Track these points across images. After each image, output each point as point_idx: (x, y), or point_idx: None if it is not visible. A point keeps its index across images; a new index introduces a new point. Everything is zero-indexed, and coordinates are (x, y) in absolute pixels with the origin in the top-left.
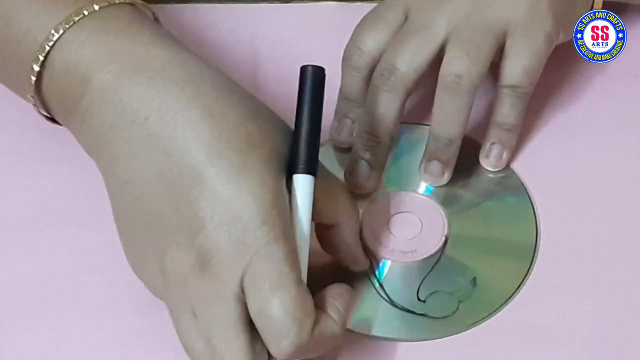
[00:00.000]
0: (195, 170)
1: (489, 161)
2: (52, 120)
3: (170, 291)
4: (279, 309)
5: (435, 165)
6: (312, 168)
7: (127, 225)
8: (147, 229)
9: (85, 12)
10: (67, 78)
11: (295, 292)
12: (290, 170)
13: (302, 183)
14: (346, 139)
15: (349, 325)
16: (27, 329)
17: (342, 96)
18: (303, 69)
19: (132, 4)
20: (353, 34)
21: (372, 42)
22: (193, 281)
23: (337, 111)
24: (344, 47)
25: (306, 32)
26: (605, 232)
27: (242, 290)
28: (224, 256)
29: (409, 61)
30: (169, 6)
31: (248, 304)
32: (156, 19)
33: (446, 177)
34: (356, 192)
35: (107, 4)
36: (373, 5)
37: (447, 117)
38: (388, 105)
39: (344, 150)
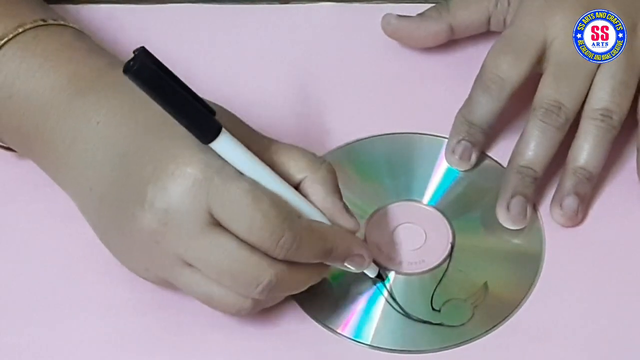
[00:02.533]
0: (138, 148)
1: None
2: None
3: (154, 259)
4: (263, 218)
5: (572, 201)
6: (215, 129)
7: (106, 229)
8: (116, 218)
9: (20, 30)
10: (16, 107)
11: (269, 199)
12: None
13: (223, 143)
14: (460, 163)
15: (368, 341)
16: (27, 329)
17: (465, 119)
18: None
19: (58, 25)
20: (489, 58)
21: (513, 72)
22: (166, 237)
23: (457, 132)
24: (344, 47)
25: (305, 33)
26: (609, 238)
27: (217, 222)
28: (179, 202)
29: (574, 98)
30: (166, 7)
31: (234, 231)
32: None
33: (580, 216)
34: (511, 228)
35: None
36: (372, 5)
37: (593, 151)
38: (554, 142)
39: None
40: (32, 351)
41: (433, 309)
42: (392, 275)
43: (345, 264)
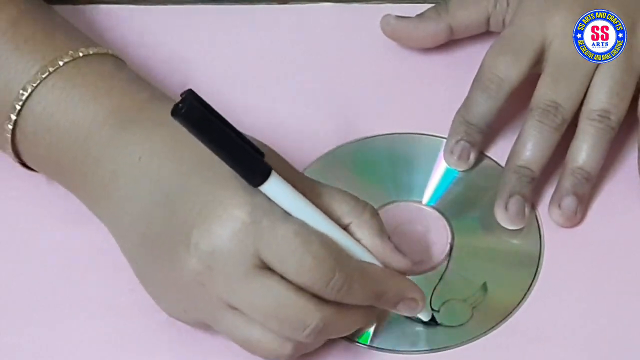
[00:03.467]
0: (183, 189)
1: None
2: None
3: (197, 302)
4: (314, 259)
5: (571, 201)
6: (265, 171)
7: (145, 267)
8: (158, 258)
9: (61, 63)
10: (55, 139)
11: (319, 240)
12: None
13: (273, 185)
14: (459, 164)
15: (367, 342)
16: (27, 329)
17: (464, 119)
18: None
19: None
20: (488, 58)
21: (511, 71)
22: (212, 279)
23: (455, 132)
24: (343, 47)
25: (305, 33)
26: (607, 238)
27: (265, 265)
28: (226, 245)
29: (572, 99)
30: (166, 7)
31: (283, 273)
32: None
33: (579, 217)
34: (508, 228)
35: (73, 57)
36: (372, 5)
37: (591, 151)
38: (551, 142)
39: None
40: (32, 351)
41: (432, 309)
42: None
43: (398, 307)
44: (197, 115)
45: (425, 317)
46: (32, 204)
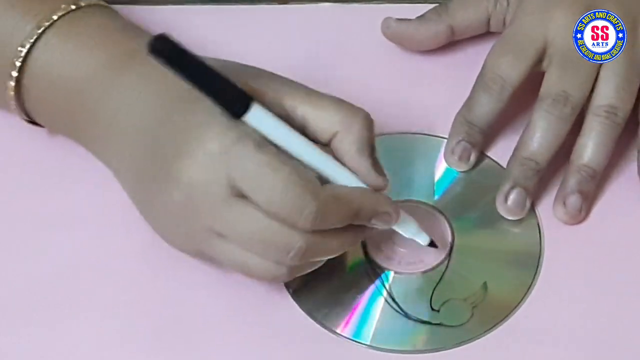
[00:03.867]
0: (168, 124)
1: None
2: (34, 122)
3: (188, 232)
4: (283, 191)
5: (575, 199)
6: (244, 102)
7: (143, 203)
8: (150, 192)
9: (55, 17)
10: (58, 92)
11: (290, 170)
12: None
13: (254, 115)
14: (459, 164)
15: (367, 342)
16: (27, 329)
17: (465, 119)
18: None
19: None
20: (490, 59)
21: (513, 71)
22: (195, 210)
23: (456, 132)
24: (343, 47)
25: (304, 33)
26: (608, 237)
27: (239, 192)
28: (201, 176)
29: (581, 88)
30: (166, 8)
31: (255, 203)
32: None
33: (584, 214)
34: (509, 219)
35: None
36: (372, 5)
37: (597, 148)
38: (559, 134)
39: None
40: (32, 351)
41: (432, 309)
42: (391, 275)
43: (372, 222)
44: (171, 50)
45: (423, 240)
46: (33, 204)
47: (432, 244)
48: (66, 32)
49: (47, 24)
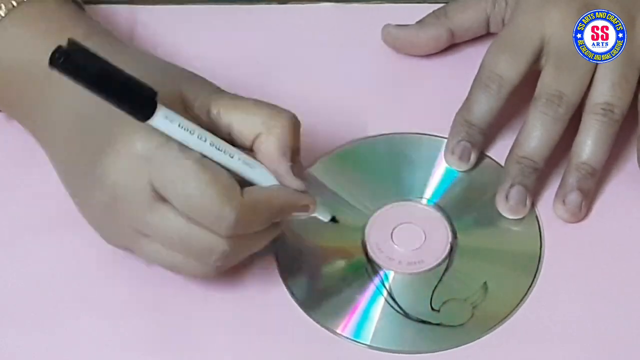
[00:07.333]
0: (93, 123)
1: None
2: None
3: (114, 230)
4: (200, 198)
5: (575, 197)
6: (150, 106)
7: (76, 197)
8: (79, 187)
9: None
10: (5, 75)
11: (208, 177)
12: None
13: (160, 119)
14: (460, 164)
15: (367, 342)
16: (27, 329)
17: (465, 119)
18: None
19: None
20: (487, 58)
21: (511, 70)
22: (119, 210)
23: (456, 132)
24: (343, 47)
25: (303, 33)
26: (608, 237)
27: (161, 197)
28: (124, 178)
29: (576, 87)
30: (166, 8)
31: (176, 208)
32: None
33: (584, 212)
34: (510, 218)
35: None
36: (372, 5)
37: (595, 146)
38: (554, 133)
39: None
40: (32, 352)
41: (432, 309)
42: (391, 275)
43: (292, 215)
44: (73, 64)
45: (325, 217)
46: (33, 204)
47: (333, 220)
48: (17, 20)
49: (3, 14)
